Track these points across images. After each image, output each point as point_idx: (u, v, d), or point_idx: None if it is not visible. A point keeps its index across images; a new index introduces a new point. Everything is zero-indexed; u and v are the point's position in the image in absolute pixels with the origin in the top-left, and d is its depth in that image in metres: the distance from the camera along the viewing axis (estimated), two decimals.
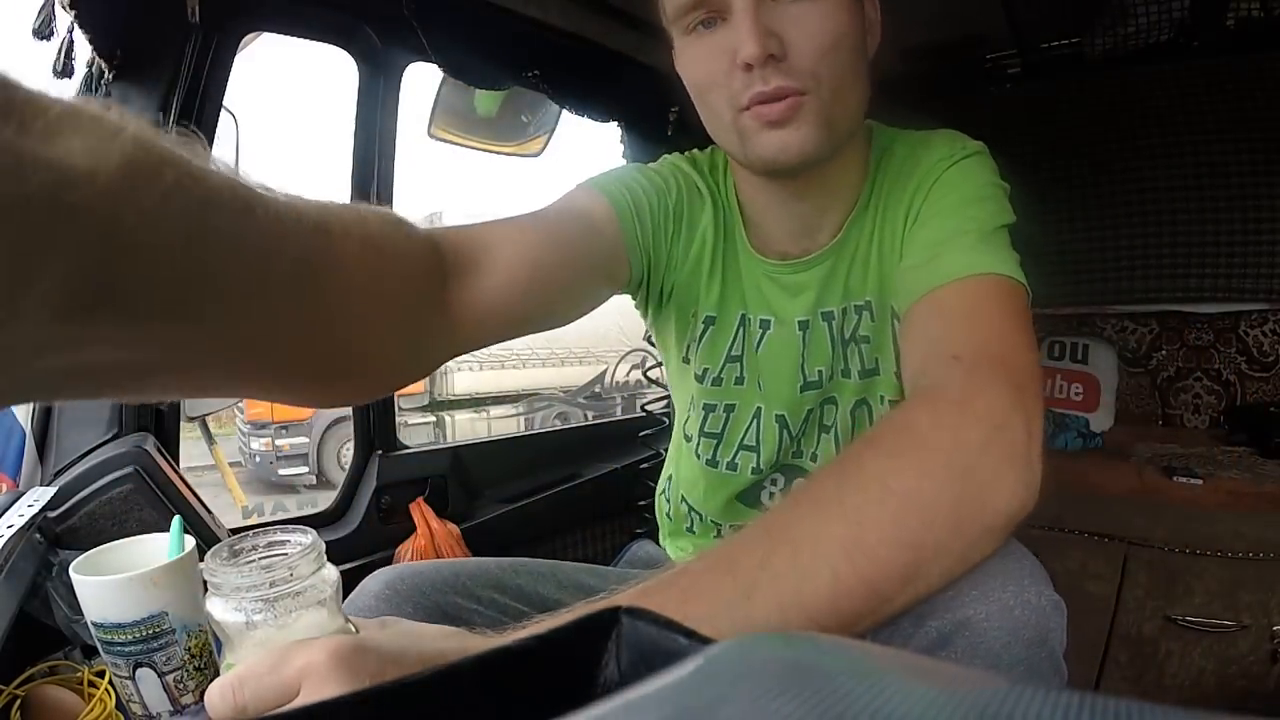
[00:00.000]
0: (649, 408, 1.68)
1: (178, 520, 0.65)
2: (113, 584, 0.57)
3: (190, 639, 0.60)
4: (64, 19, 0.81)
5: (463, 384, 6.67)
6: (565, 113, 1.46)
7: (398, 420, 1.38)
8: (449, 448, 1.42)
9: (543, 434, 2.13)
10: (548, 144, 1.55)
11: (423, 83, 1.30)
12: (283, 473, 6.02)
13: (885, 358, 0.69)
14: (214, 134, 0.99)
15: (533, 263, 0.56)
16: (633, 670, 0.20)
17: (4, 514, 0.72)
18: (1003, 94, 1.85)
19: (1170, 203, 1.75)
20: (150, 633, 0.58)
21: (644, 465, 1.58)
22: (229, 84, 0.99)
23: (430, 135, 1.38)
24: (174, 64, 0.92)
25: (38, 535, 0.76)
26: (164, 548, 0.62)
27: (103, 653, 0.60)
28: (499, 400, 6.93)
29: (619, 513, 1.59)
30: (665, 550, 0.87)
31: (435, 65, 1.18)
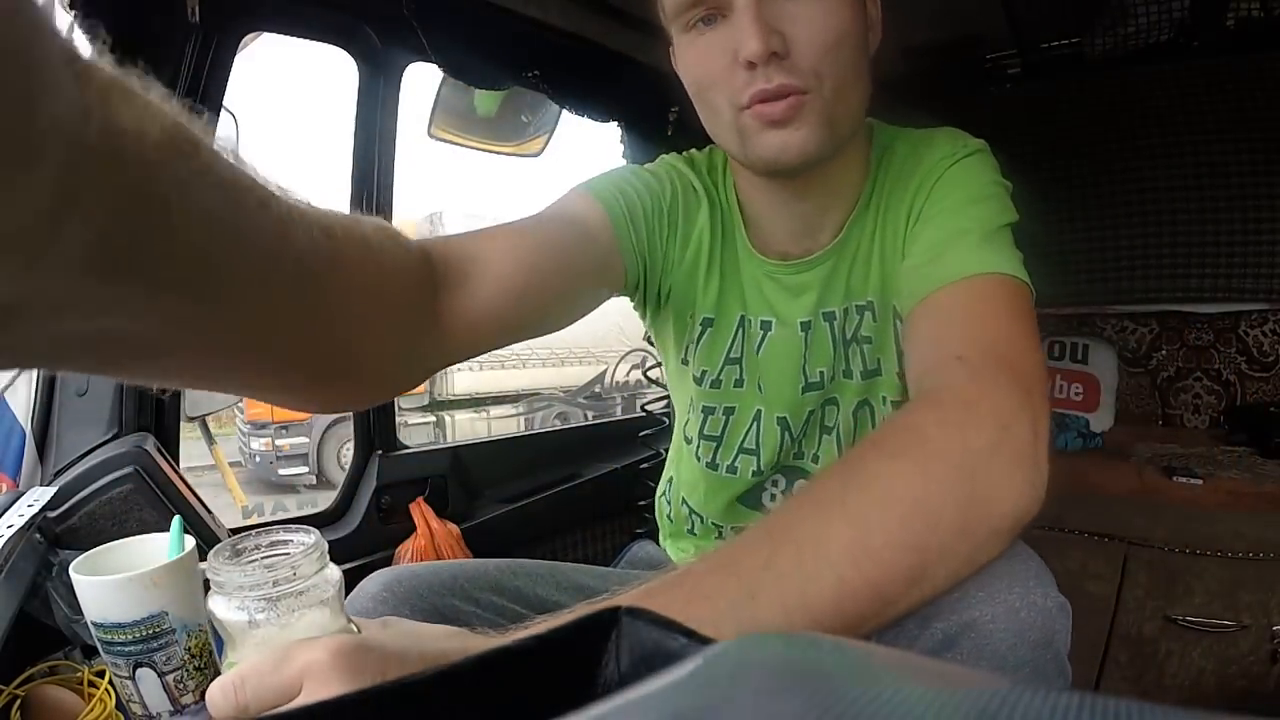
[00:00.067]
0: (649, 408, 1.68)
1: (178, 520, 0.65)
2: (113, 584, 0.57)
3: (190, 639, 0.60)
4: (64, 19, 0.81)
5: (463, 384, 6.66)
6: (565, 113, 1.46)
7: (398, 420, 1.38)
8: (449, 448, 1.41)
9: (543, 434, 2.13)
10: (548, 144, 1.55)
11: (423, 83, 1.31)
12: (283, 473, 6.02)
13: (887, 358, 0.68)
14: (214, 134, 0.98)
15: (524, 270, 0.57)
16: (633, 670, 0.20)
17: (4, 514, 0.72)
18: (1003, 94, 1.85)
19: (1170, 203, 1.75)
20: (150, 633, 0.58)
21: (644, 465, 1.57)
22: (229, 84, 0.99)
23: (430, 135, 1.38)
24: (174, 64, 0.92)
25: (38, 535, 0.75)
26: (164, 548, 0.62)
27: (103, 653, 0.60)
28: (499, 400, 6.93)
29: (619, 513, 1.59)
30: (666, 551, 0.86)
31: (435, 65, 1.18)
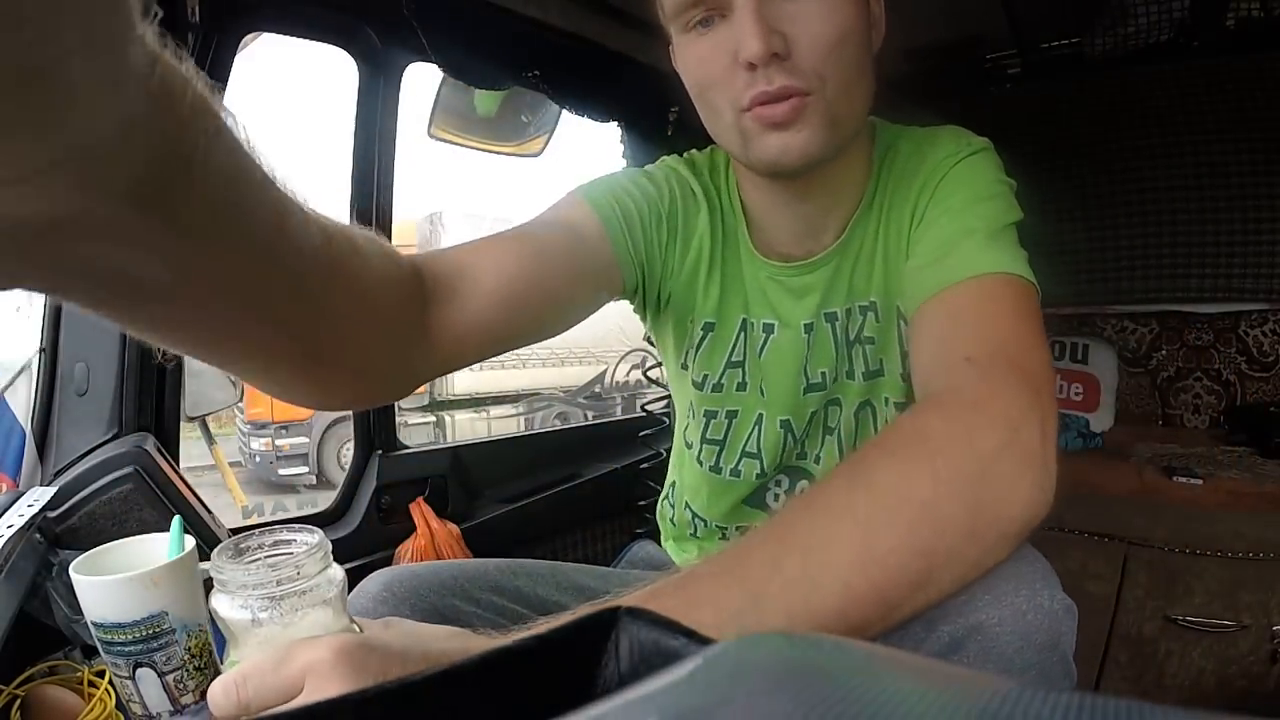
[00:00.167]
0: (649, 408, 1.68)
1: (178, 520, 0.65)
2: (113, 584, 0.57)
3: (190, 639, 0.60)
4: None
5: (463, 384, 6.66)
6: (565, 113, 1.46)
7: (398, 420, 1.38)
8: (449, 448, 1.41)
9: (543, 434, 2.13)
10: (548, 144, 1.55)
11: (423, 83, 1.31)
12: (283, 473, 6.02)
13: (890, 359, 0.68)
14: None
15: (514, 282, 0.57)
16: (633, 670, 0.20)
17: (4, 514, 0.72)
18: (1003, 94, 1.85)
19: (1170, 203, 1.75)
20: (150, 633, 0.58)
21: (644, 465, 1.57)
22: (229, 84, 0.99)
23: (430, 135, 1.38)
24: None
25: (38, 535, 0.76)
26: (164, 548, 0.62)
27: (103, 653, 0.60)
28: (499, 400, 6.93)
29: (619, 513, 1.59)
30: (668, 553, 0.86)
31: (435, 65, 1.18)
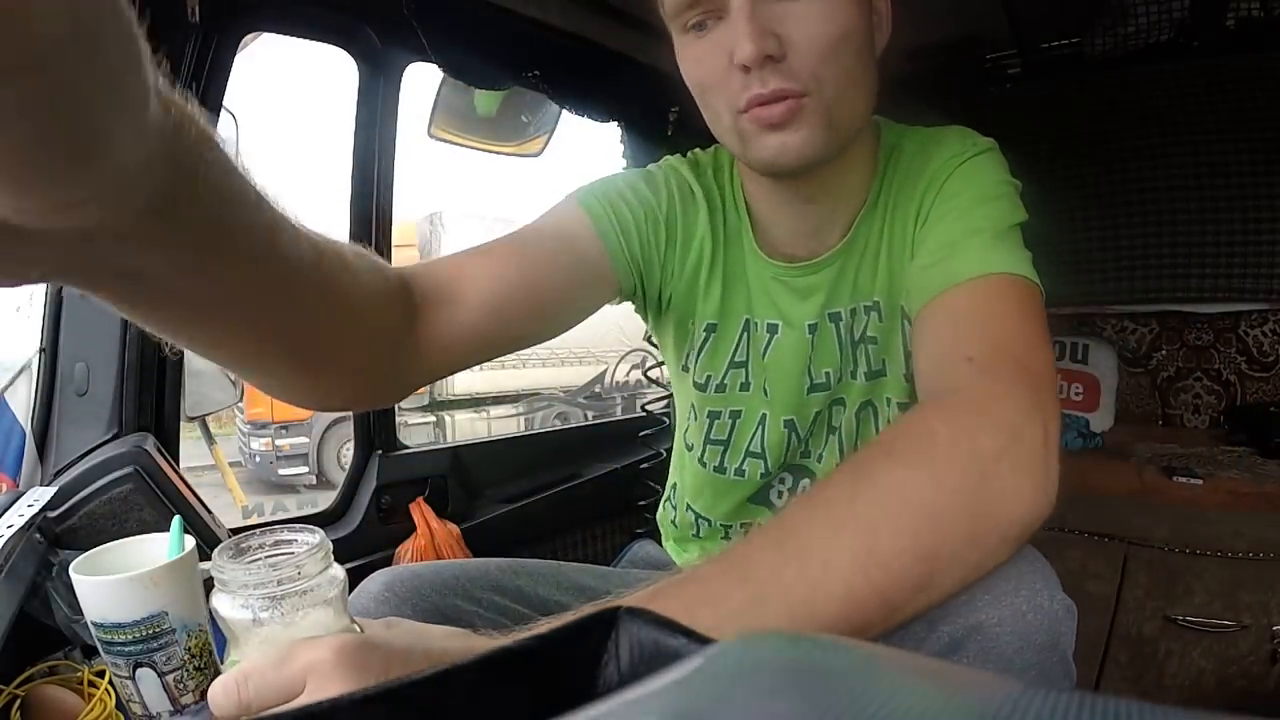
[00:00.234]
0: (649, 408, 1.68)
1: (178, 520, 0.64)
2: (113, 584, 0.57)
3: (190, 639, 0.60)
4: None
5: (463, 384, 6.65)
6: (565, 113, 1.46)
7: (398, 420, 1.38)
8: (449, 448, 1.41)
9: (543, 434, 2.13)
10: (548, 144, 1.55)
11: (423, 83, 1.31)
12: (283, 473, 6.02)
13: (893, 359, 0.67)
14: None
15: (500, 292, 0.58)
16: (633, 670, 0.20)
17: (4, 514, 0.72)
18: (1003, 94, 1.84)
19: (1170, 203, 1.75)
20: (150, 633, 0.58)
21: (644, 465, 1.57)
22: (229, 84, 0.99)
23: (430, 135, 1.38)
24: (174, 64, 0.92)
25: (38, 535, 0.75)
26: (164, 548, 0.62)
27: (103, 653, 0.60)
28: (499, 400, 6.93)
29: (619, 513, 1.59)
30: (669, 554, 0.86)
31: (435, 65, 1.18)
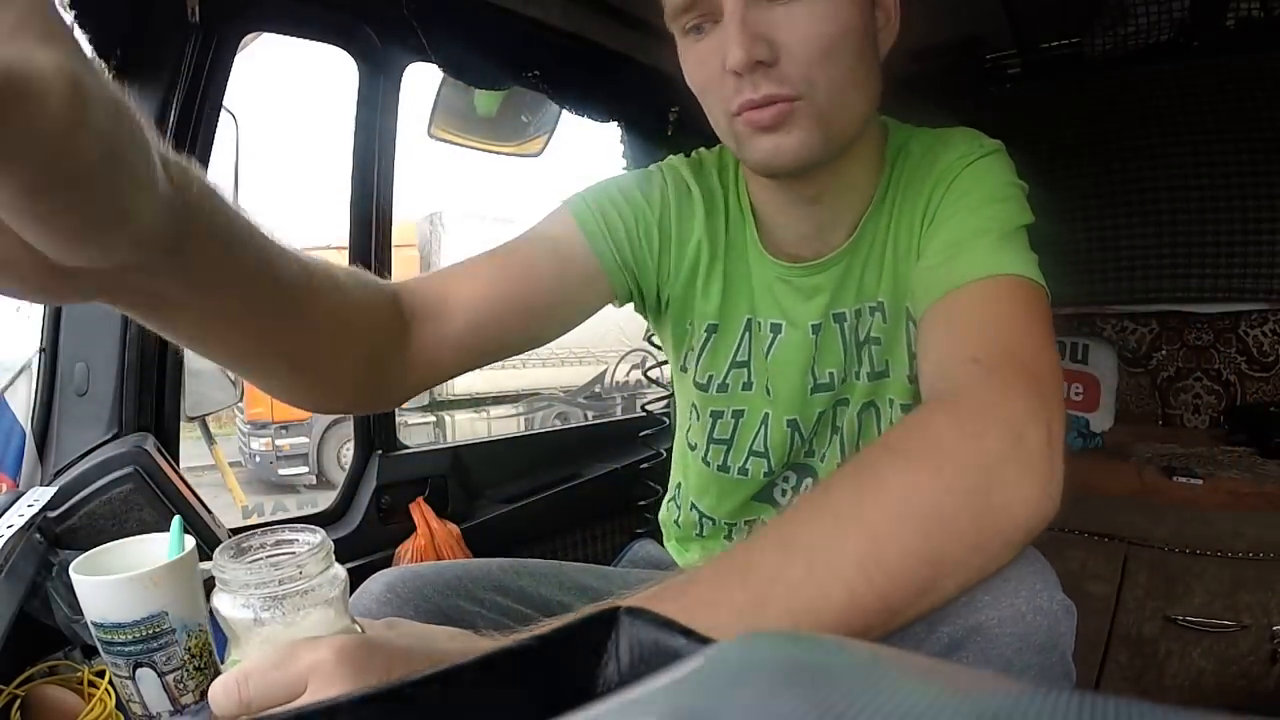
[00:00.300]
0: (649, 408, 1.68)
1: (178, 520, 0.64)
2: (113, 584, 0.57)
3: (190, 639, 0.60)
4: (64, 18, 0.81)
5: (463, 384, 6.64)
6: (565, 113, 1.46)
7: (398, 420, 1.38)
8: (449, 448, 1.41)
9: (543, 434, 2.13)
10: (548, 144, 1.55)
11: (423, 83, 1.31)
12: (283, 473, 6.02)
13: (896, 360, 0.67)
14: (214, 134, 0.99)
15: (487, 306, 0.62)
16: (633, 670, 0.20)
17: (4, 514, 0.72)
18: (1003, 94, 1.84)
19: (1170, 203, 1.75)
20: (150, 633, 0.58)
21: (644, 465, 1.57)
22: (229, 84, 0.99)
23: (430, 135, 1.38)
24: (174, 64, 0.92)
25: (38, 535, 0.75)
26: (164, 548, 0.62)
27: (103, 653, 0.60)
28: (499, 400, 6.93)
29: (619, 513, 1.59)
30: (670, 554, 0.86)
31: (435, 65, 1.18)
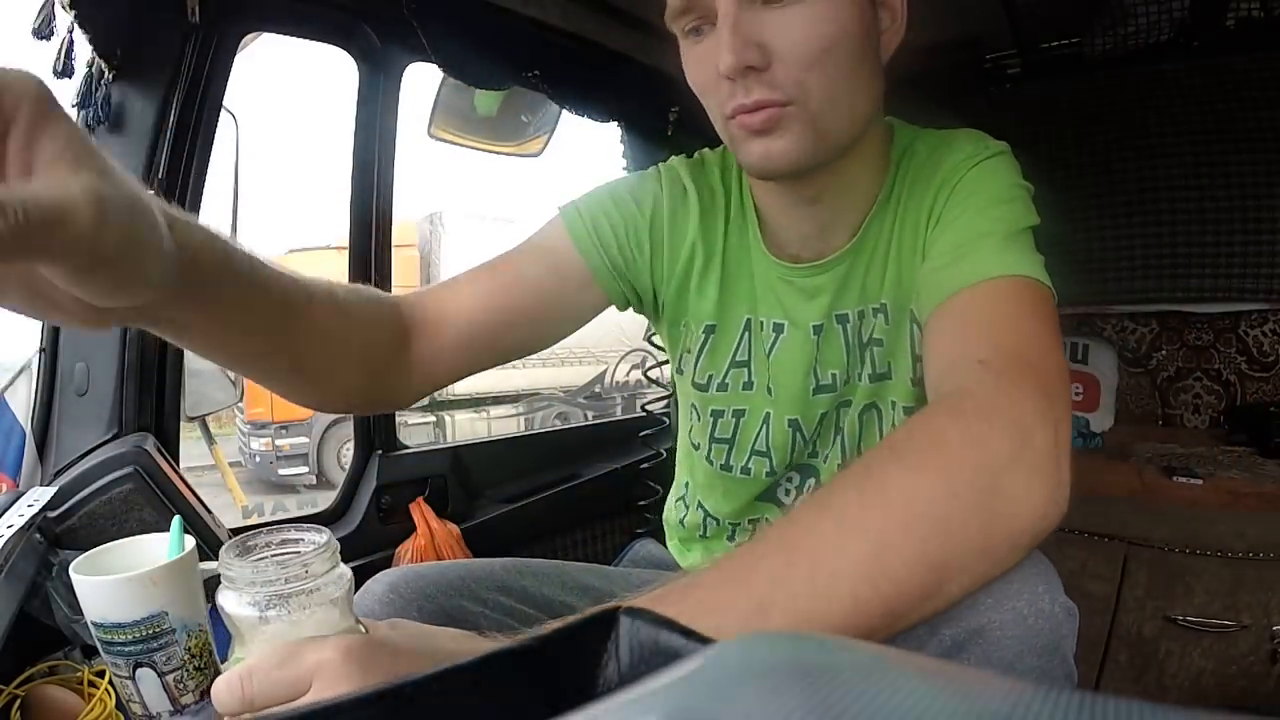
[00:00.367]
0: (649, 408, 1.68)
1: (178, 520, 0.65)
2: (113, 584, 0.57)
3: (190, 639, 0.60)
4: (64, 19, 0.81)
5: (463, 384, 6.64)
6: (565, 113, 1.46)
7: (398, 420, 1.38)
8: (449, 448, 1.41)
9: (543, 434, 2.13)
10: (548, 144, 1.55)
11: (423, 83, 1.31)
12: (283, 473, 6.02)
13: (899, 362, 0.67)
14: (214, 134, 0.99)
15: (479, 319, 0.66)
16: (633, 670, 0.20)
17: (4, 514, 0.72)
18: (1003, 94, 1.84)
19: (1170, 203, 1.74)
20: (150, 633, 0.58)
21: (644, 465, 1.57)
22: (229, 84, 0.99)
23: (430, 135, 1.38)
24: (174, 64, 0.92)
25: (38, 535, 0.75)
26: (164, 548, 0.62)
27: (103, 653, 0.60)
28: (499, 400, 6.92)
29: (619, 513, 1.59)
30: (672, 554, 0.86)
31: (435, 65, 1.18)
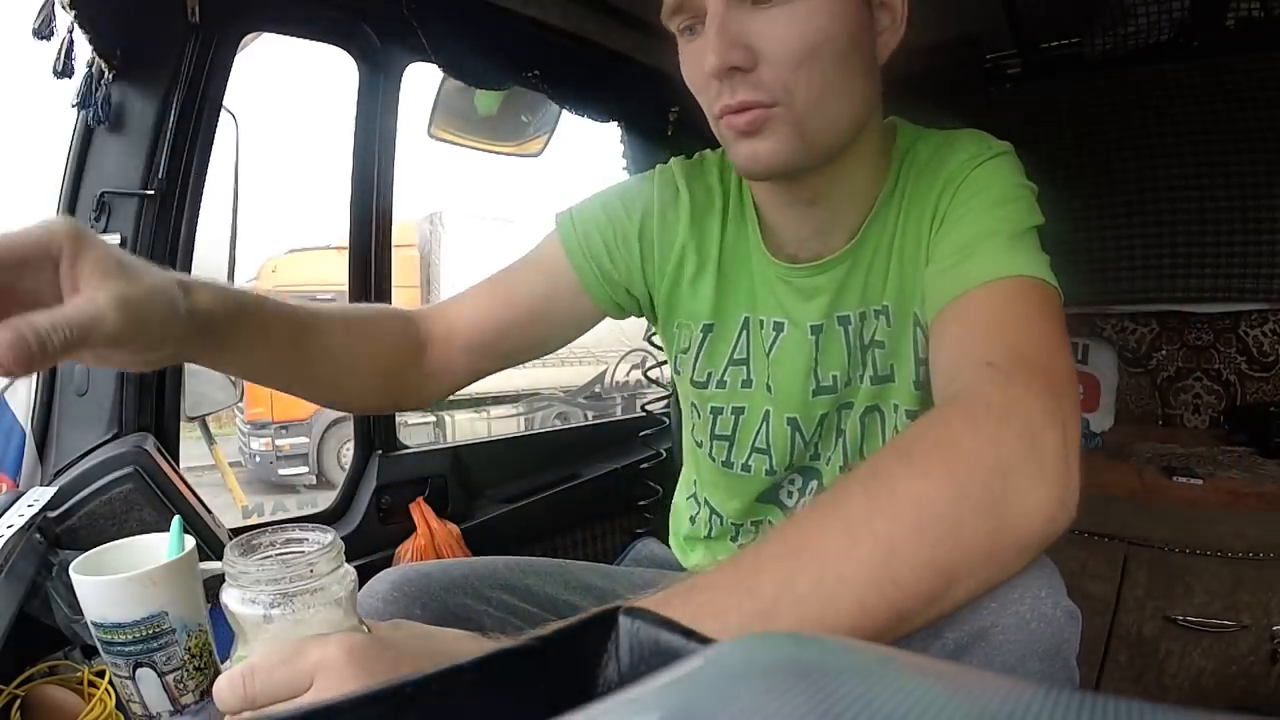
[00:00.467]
0: (649, 408, 1.68)
1: (178, 520, 0.64)
2: (113, 584, 0.57)
3: (190, 639, 0.60)
4: (64, 19, 0.81)
5: None
6: (565, 113, 1.46)
7: (398, 420, 1.38)
8: (449, 448, 1.41)
9: (543, 434, 2.13)
10: (548, 144, 1.55)
11: (423, 83, 1.31)
12: (283, 473, 6.02)
13: (901, 365, 0.66)
14: (214, 134, 0.99)
15: (485, 328, 0.71)
16: (633, 670, 0.20)
17: (4, 514, 0.72)
18: (1003, 94, 1.84)
19: (1170, 203, 1.74)
20: (150, 633, 0.58)
21: (644, 465, 1.58)
22: (229, 84, 0.99)
23: (430, 135, 1.38)
24: (174, 64, 0.92)
25: (38, 535, 0.75)
26: (164, 548, 0.62)
27: (103, 653, 0.60)
28: (499, 400, 6.92)
29: (619, 513, 1.59)
30: (675, 554, 0.86)
31: (435, 65, 1.18)
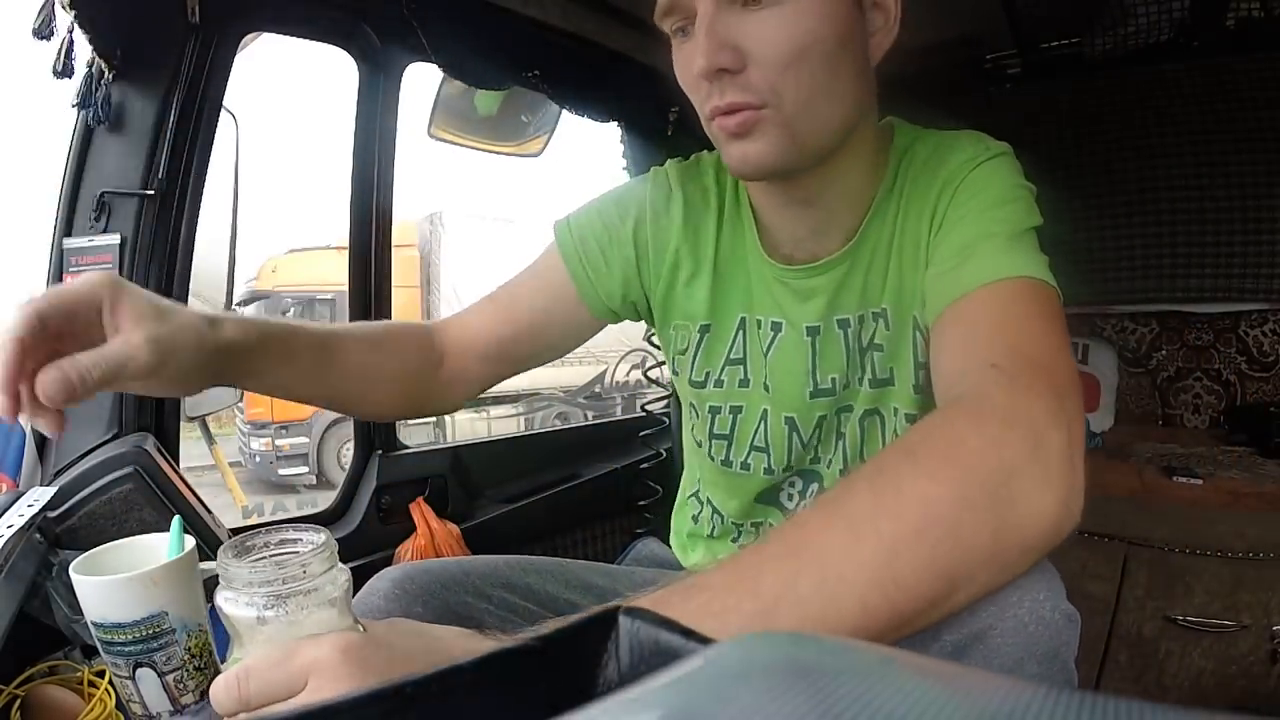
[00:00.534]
0: (649, 408, 1.68)
1: (178, 520, 0.64)
2: (113, 584, 0.57)
3: (190, 639, 0.60)
4: (64, 19, 0.81)
5: None
6: (565, 113, 1.46)
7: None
8: (449, 448, 1.41)
9: (543, 434, 2.13)
10: (548, 144, 1.55)
11: (423, 83, 1.31)
12: (283, 473, 6.02)
13: (901, 368, 0.66)
14: (214, 134, 0.99)
15: (492, 339, 0.75)
16: (633, 670, 0.20)
17: (4, 514, 0.72)
18: (1003, 94, 1.84)
19: (1170, 203, 1.74)
20: (150, 633, 0.58)
21: (644, 465, 1.57)
22: (229, 84, 0.99)
23: (430, 135, 1.38)
24: (174, 64, 0.92)
25: (38, 535, 0.75)
26: (164, 548, 0.62)
27: (103, 653, 0.60)
28: (499, 400, 6.91)
29: (619, 513, 1.59)
30: (675, 553, 0.86)
31: (435, 65, 1.18)
